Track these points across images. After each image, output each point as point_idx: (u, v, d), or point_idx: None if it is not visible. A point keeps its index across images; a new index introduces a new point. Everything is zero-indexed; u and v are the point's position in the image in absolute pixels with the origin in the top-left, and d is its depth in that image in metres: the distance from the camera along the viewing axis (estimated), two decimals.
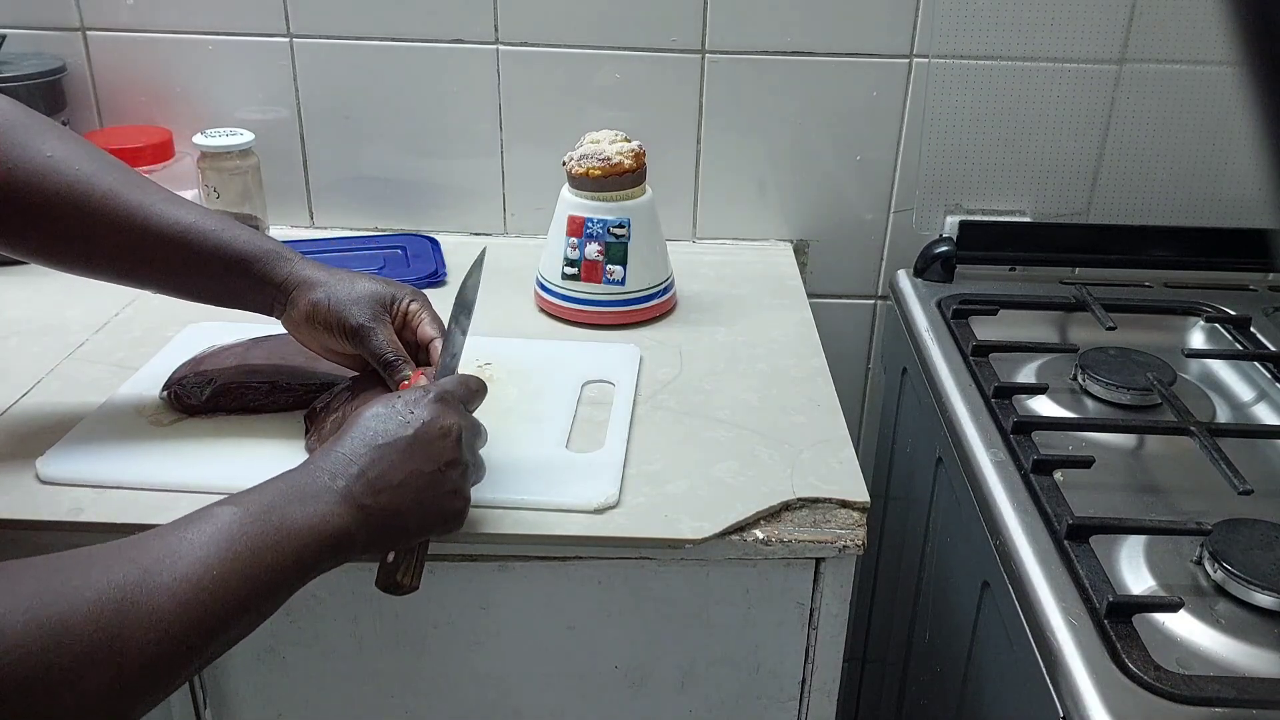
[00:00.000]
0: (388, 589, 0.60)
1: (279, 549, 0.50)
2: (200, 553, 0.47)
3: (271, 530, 0.50)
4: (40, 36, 1.07)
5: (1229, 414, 0.92)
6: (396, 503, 0.57)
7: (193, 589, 0.46)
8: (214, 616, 0.47)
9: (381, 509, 0.56)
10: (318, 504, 0.53)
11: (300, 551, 0.52)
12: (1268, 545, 0.70)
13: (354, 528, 0.55)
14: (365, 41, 1.07)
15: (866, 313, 1.19)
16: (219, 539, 0.48)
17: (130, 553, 0.47)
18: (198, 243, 0.70)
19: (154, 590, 0.45)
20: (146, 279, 0.73)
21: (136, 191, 0.70)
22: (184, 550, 0.47)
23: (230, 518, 0.50)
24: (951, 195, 1.13)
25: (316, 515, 0.53)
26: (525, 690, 0.75)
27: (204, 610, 0.47)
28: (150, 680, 0.45)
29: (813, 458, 0.76)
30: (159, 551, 0.47)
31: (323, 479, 0.55)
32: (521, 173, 1.13)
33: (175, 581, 0.46)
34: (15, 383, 0.82)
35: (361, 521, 0.55)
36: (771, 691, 0.75)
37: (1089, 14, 1.05)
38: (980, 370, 0.93)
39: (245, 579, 0.49)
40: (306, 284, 0.72)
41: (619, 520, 0.69)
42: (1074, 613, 0.65)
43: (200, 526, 0.49)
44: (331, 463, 0.56)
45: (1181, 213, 1.13)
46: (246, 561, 0.49)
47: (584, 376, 0.85)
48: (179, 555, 0.47)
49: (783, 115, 1.10)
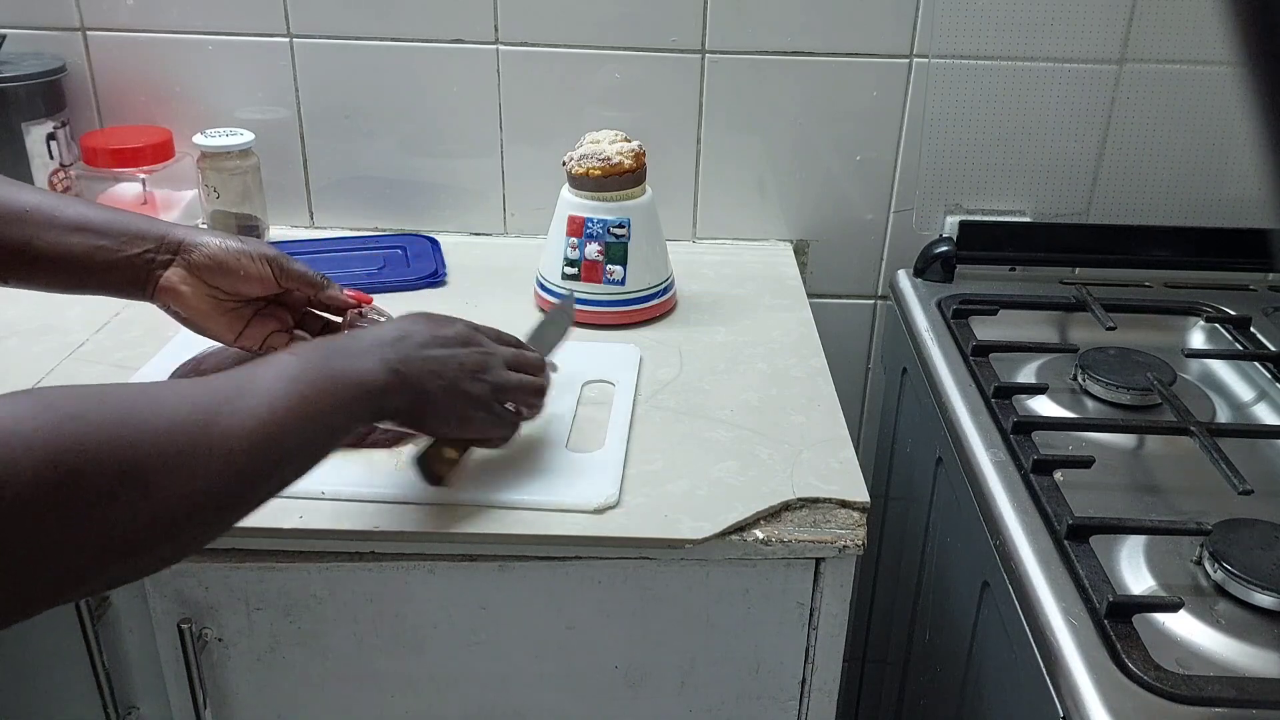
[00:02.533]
0: (424, 473, 0.69)
1: (332, 395, 0.57)
2: (266, 392, 0.53)
3: (324, 379, 0.57)
4: (40, 36, 1.07)
5: (1229, 414, 0.92)
6: (426, 381, 0.64)
7: (260, 422, 0.51)
8: (276, 449, 0.52)
9: (415, 377, 0.63)
10: (363, 360, 0.60)
11: (349, 402, 0.58)
12: (1268, 545, 0.70)
13: (390, 388, 0.61)
14: (365, 41, 1.07)
15: (866, 313, 1.19)
16: (283, 380, 0.54)
17: (208, 384, 0.52)
18: (53, 211, 0.70)
19: (230, 415, 0.50)
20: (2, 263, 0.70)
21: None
22: (253, 387, 0.53)
23: (291, 363, 0.56)
24: (951, 195, 1.13)
25: (362, 370, 0.60)
26: (525, 690, 0.75)
27: (268, 441, 0.52)
28: (215, 504, 0.50)
29: (813, 458, 0.76)
30: (233, 387, 0.52)
31: (366, 342, 0.62)
32: (521, 173, 1.13)
33: (246, 412, 0.51)
34: (15, 383, 0.82)
35: (397, 385, 0.61)
36: (771, 691, 0.75)
37: (1089, 14, 1.05)
38: (980, 370, 0.93)
39: (302, 418, 0.54)
40: (194, 234, 0.73)
41: (619, 520, 0.69)
42: (1074, 613, 0.65)
43: (266, 369, 0.55)
44: (376, 333, 0.64)
45: (1181, 213, 1.13)
46: (304, 401, 0.54)
47: (584, 376, 0.85)
48: (249, 391, 0.52)
49: (783, 115, 1.10)
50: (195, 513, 0.49)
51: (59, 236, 0.70)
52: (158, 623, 0.71)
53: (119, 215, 0.72)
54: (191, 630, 0.70)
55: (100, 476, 0.44)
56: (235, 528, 0.66)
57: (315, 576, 0.70)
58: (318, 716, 0.75)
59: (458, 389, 0.66)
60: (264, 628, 0.72)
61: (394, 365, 0.62)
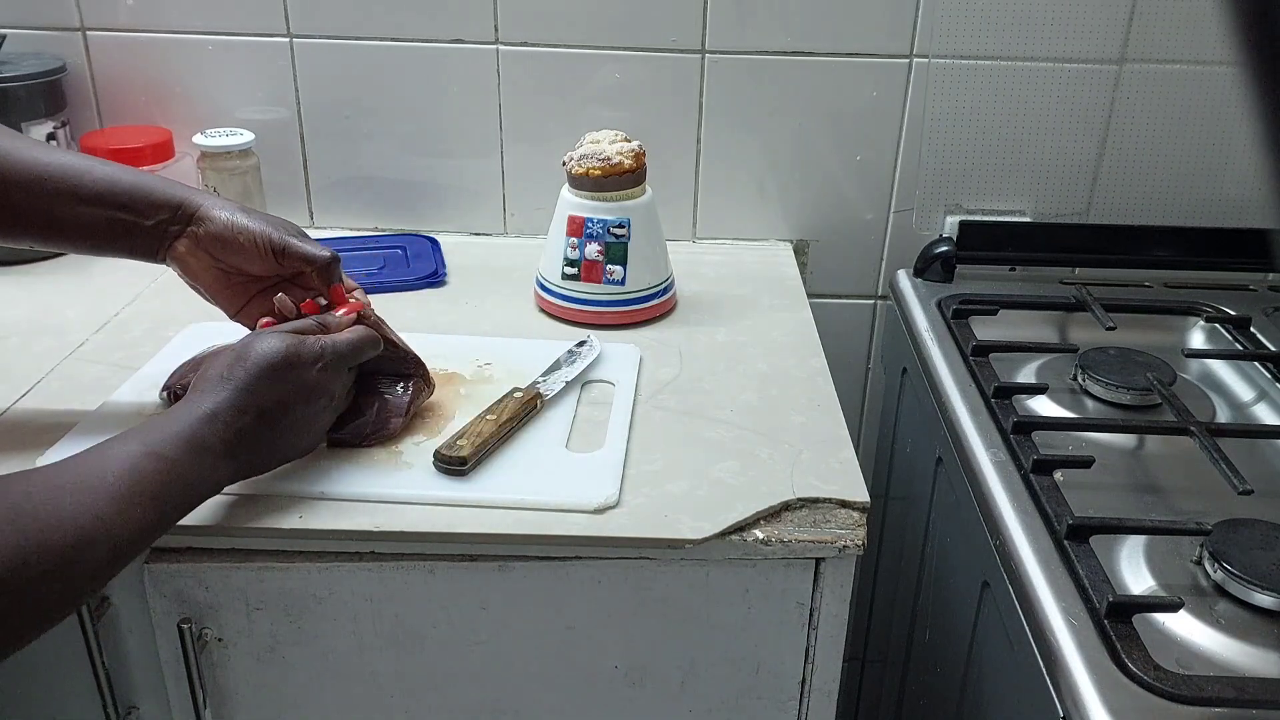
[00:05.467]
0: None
1: (184, 498, 0.61)
2: (123, 489, 0.57)
3: (180, 486, 0.60)
4: (40, 36, 1.07)
5: (1229, 414, 0.92)
6: (276, 455, 0.68)
7: (118, 543, 0.56)
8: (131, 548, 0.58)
9: (265, 459, 0.68)
10: (219, 469, 0.63)
11: (199, 498, 0.63)
12: (1268, 545, 0.70)
13: (233, 476, 0.65)
14: (365, 41, 1.07)
15: (866, 313, 1.19)
16: (137, 492, 0.58)
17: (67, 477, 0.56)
18: (76, 179, 0.71)
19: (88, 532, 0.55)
20: (24, 229, 0.73)
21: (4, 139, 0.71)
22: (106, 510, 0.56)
23: (145, 468, 0.59)
24: (951, 195, 1.13)
25: (217, 478, 0.64)
26: (525, 690, 0.75)
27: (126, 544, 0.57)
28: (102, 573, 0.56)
29: (813, 458, 0.76)
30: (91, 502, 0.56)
31: (215, 437, 0.63)
32: (521, 173, 1.13)
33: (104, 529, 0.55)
34: (15, 383, 0.82)
35: (246, 473, 0.66)
36: (771, 691, 0.75)
37: (1089, 14, 1.05)
38: (980, 370, 0.93)
39: (157, 524, 0.59)
40: (209, 206, 0.73)
41: (619, 520, 0.69)
42: (1074, 613, 0.65)
43: (119, 467, 0.58)
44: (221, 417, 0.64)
45: (1181, 213, 1.13)
46: (155, 500, 0.59)
47: (584, 376, 0.85)
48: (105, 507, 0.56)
49: (783, 115, 1.10)
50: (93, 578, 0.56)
51: (78, 207, 0.71)
52: (158, 623, 0.71)
53: (139, 183, 0.73)
54: (191, 630, 0.70)
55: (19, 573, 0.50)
56: (235, 528, 0.67)
57: (315, 576, 0.70)
58: (318, 716, 0.75)
59: (301, 444, 0.70)
60: (264, 628, 0.72)
61: (248, 460, 0.65)
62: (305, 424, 0.69)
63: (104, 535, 0.55)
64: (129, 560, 0.58)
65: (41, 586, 0.52)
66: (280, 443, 0.68)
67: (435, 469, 0.71)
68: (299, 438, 0.69)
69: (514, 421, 0.76)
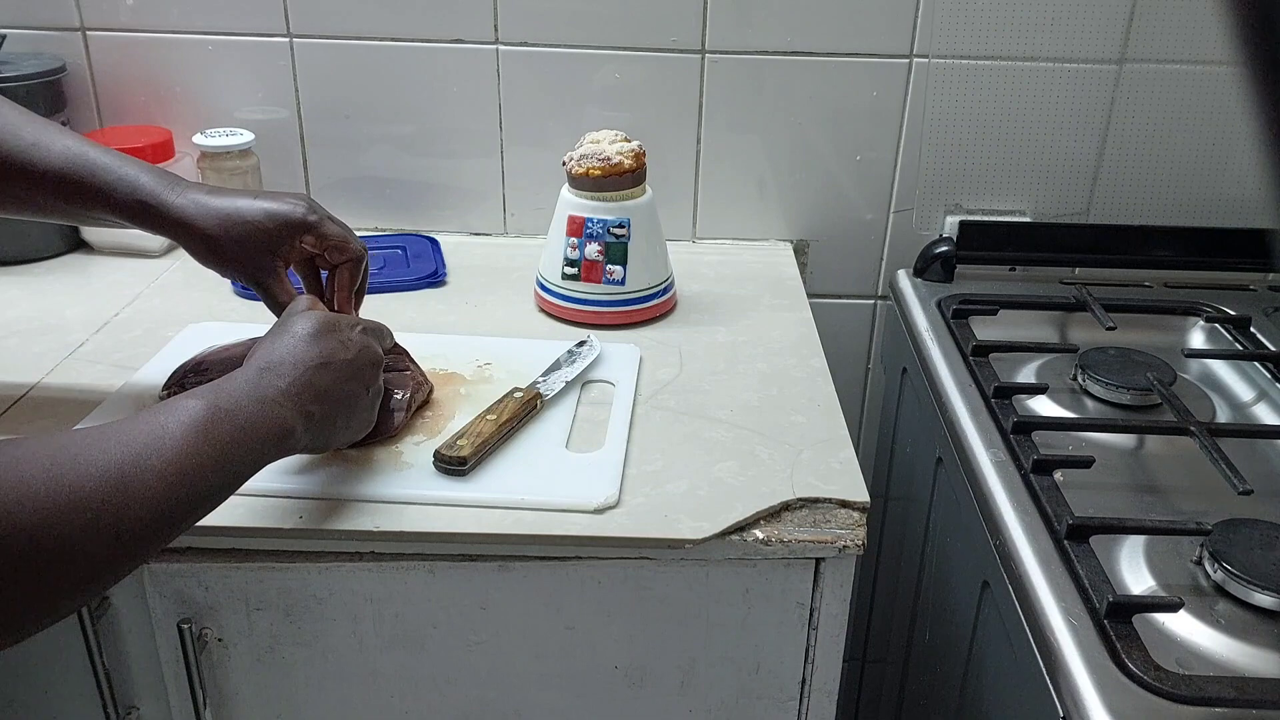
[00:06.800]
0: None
1: (242, 446, 0.58)
2: (174, 451, 0.54)
3: (236, 430, 0.58)
4: (40, 36, 1.07)
5: (1229, 414, 0.92)
6: (333, 414, 0.66)
7: (177, 473, 0.53)
8: (193, 495, 0.55)
9: (322, 417, 0.64)
10: (276, 410, 0.61)
11: (259, 449, 0.59)
12: (1268, 545, 0.70)
13: (299, 430, 0.62)
14: (365, 41, 1.07)
15: (866, 313, 1.19)
16: (195, 431, 0.55)
17: (122, 436, 0.53)
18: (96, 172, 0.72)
19: (146, 471, 0.52)
20: (41, 207, 0.74)
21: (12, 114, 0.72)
22: (161, 446, 0.54)
23: (199, 413, 0.56)
24: (951, 195, 1.13)
25: (275, 420, 0.61)
26: (525, 690, 0.75)
27: (186, 489, 0.54)
28: (141, 548, 0.52)
29: (813, 458, 0.76)
30: (146, 438, 0.54)
31: (279, 384, 0.62)
32: (521, 173, 1.13)
33: (164, 465, 0.53)
34: (15, 383, 0.82)
35: (305, 426, 0.63)
36: (771, 691, 0.75)
37: (1089, 14, 1.05)
38: (980, 370, 0.93)
39: (216, 467, 0.56)
40: (192, 215, 0.73)
41: (619, 520, 0.69)
42: (1074, 613, 0.65)
43: (172, 419, 0.55)
44: (284, 370, 0.63)
45: (1181, 213, 1.13)
46: (218, 451, 0.56)
47: (584, 377, 0.85)
48: (157, 449, 0.54)
49: (783, 115, 1.10)
50: (125, 556, 0.51)
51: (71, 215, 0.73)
52: (158, 623, 0.71)
53: (120, 198, 0.72)
54: (191, 630, 0.70)
55: (17, 540, 0.46)
56: (235, 528, 0.67)
57: (315, 576, 0.70)
58: (318, 716, 0.75)
59: (358, 419, 0.69)
60: (264, 628, 0.72)
61: (308, 409, 0.63)
62: (356, 377, 0.68)
63: (164, 491, 0.53)
64: (186, 520, 0.55)
65: (85, 542, 0.49)
66: (339, 392, 0.66)
67: (435, 469, 0.72)
68: (355, 391, 0.68)
69: (514, 421, 0.76)
